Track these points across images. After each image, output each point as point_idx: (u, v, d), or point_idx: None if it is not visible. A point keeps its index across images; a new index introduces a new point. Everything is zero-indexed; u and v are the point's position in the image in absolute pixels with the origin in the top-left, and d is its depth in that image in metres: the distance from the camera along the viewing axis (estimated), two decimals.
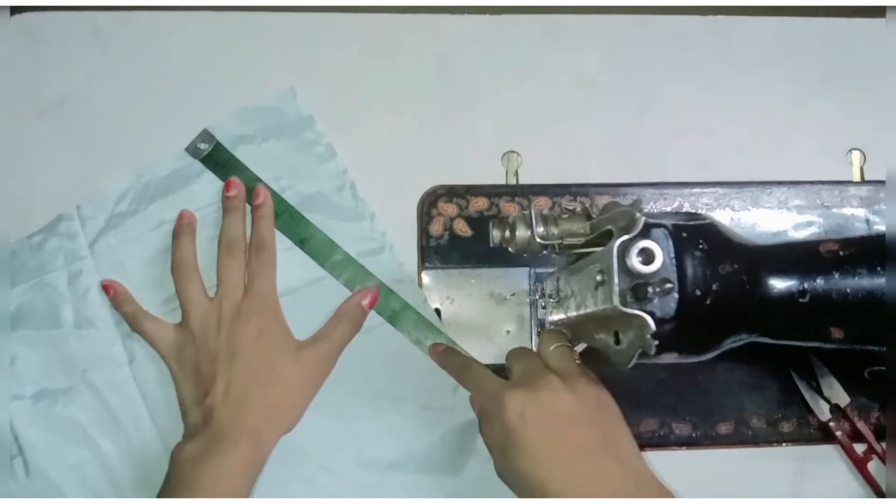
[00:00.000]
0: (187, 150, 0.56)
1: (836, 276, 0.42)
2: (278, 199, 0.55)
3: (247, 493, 0.47)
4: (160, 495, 0.46)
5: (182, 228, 0.54)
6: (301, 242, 0.55)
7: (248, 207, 0.55)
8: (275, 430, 0.49)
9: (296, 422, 0.51)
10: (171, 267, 0.53)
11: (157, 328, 0.52)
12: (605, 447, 0.43)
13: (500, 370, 0.49)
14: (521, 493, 0.44)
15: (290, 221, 0.55)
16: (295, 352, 0.51)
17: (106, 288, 0.53)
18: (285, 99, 0.57)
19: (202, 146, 0.56)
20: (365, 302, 0.53)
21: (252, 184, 0.55)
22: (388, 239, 0.56)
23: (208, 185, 0.55)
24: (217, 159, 0.56)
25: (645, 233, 0.39)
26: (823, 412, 0.54)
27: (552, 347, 0.47)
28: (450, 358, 0.53)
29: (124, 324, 0.53)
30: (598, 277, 0.41)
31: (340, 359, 0.53)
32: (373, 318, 0.54)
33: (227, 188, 0.55)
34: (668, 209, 0.57)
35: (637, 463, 0.43)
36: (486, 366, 0.51)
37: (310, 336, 0.52)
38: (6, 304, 0.52)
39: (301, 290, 0.54)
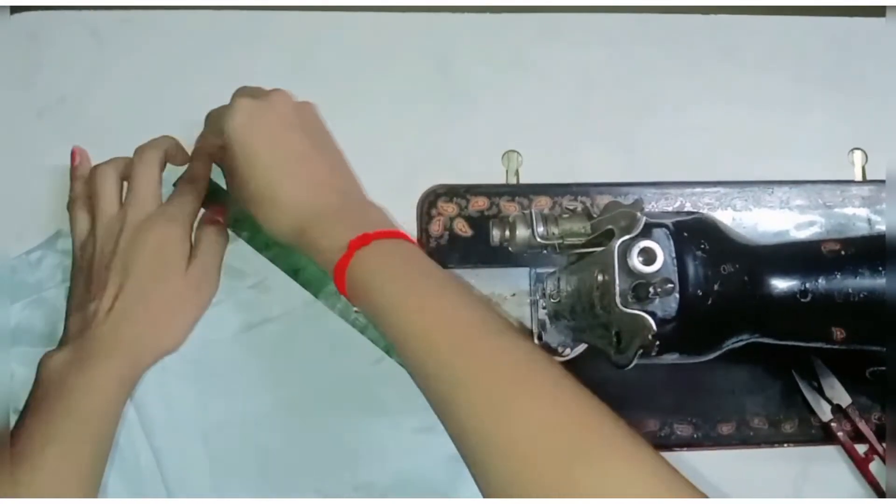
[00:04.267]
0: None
1: (838, 276, 0.42)
2: None
3: (118, 410, 0.47)
4: (25, 404, 0.46)
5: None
6: (294, 273, 0.54)
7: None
8: (154, 349, 0.49)
9: (179, 344, 0.50)
10: (94, 167, 0.52)
11: (81, 219, 0.51)
12: (317, 152, 0.49)
13: None
14: (247, 201, 0.48)
15: (283, 252, 0.54)
16: (186, 270, 0.50)
17: (73, 154, 0.53)
18: None
19: None
20: (217, 218, 0.53)
21: (241, 215, 0.54)
22: None
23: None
24: None
25: (646, 232, 0.39)
26: (825, 412, 0.54)
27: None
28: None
29: None
30: (599, 277, 0.41)
31: (338, 380, 0.53)
32: (373, 351, 0.53)
33: None
34: (670, 209, 0.57)
35: (341, 165, 0.50)
36: None
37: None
38: (6, 321, 0.52)
39: (287, 316, 0.54)
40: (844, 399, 0.54)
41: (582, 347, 0.52)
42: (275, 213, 0.47)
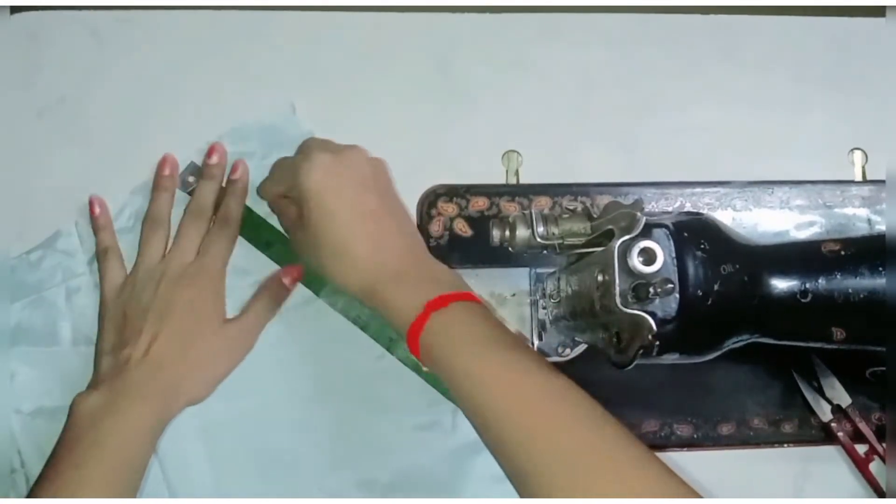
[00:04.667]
0: (189, 192, 0.55)
1: (838, 276, 0.42)
2: (274, 231, 0.54)
3: (146, 456, 0.47)
4: (57, 445, 0.45)
5: (163, 182, 0.54)
6: None
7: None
8: (184, 398, 0.49)
9: (206, 395, 0.50)
10: (144, 217, 0.53)
11: (114, 270, 0.52)
12: (388, 212, 0.50)
13: None
14: (318, 254, 0.48)
15: (285, 251, 0.54)
16: (221, 325, 0.51)
17: (92, 204, 0.53)
18: (284, 115, 0.57)
19: (190, 179, 0.55)
20: (287, 279, 0.53)
21: (248, 221, 0.55)
22: None
23: None
24: None
25: (646, 233, 0.39)
26: (825, 413, 0.54)
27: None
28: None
29: None
30: (599, 277, 0.41)
31: (339, 378, 0.53)
32: (375, 348, 0.53)
33: (209, 154, 0.54)
34: (670, 209, 0.57)
35: (409, 223, 0.52)
36: None
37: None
38: (6, 320, 0.52)
39: (290, 311, 0.54)
40: (844, 399, 0.54)
41: (582, 347, 0.52)
42: (347, 269, 0.48)
